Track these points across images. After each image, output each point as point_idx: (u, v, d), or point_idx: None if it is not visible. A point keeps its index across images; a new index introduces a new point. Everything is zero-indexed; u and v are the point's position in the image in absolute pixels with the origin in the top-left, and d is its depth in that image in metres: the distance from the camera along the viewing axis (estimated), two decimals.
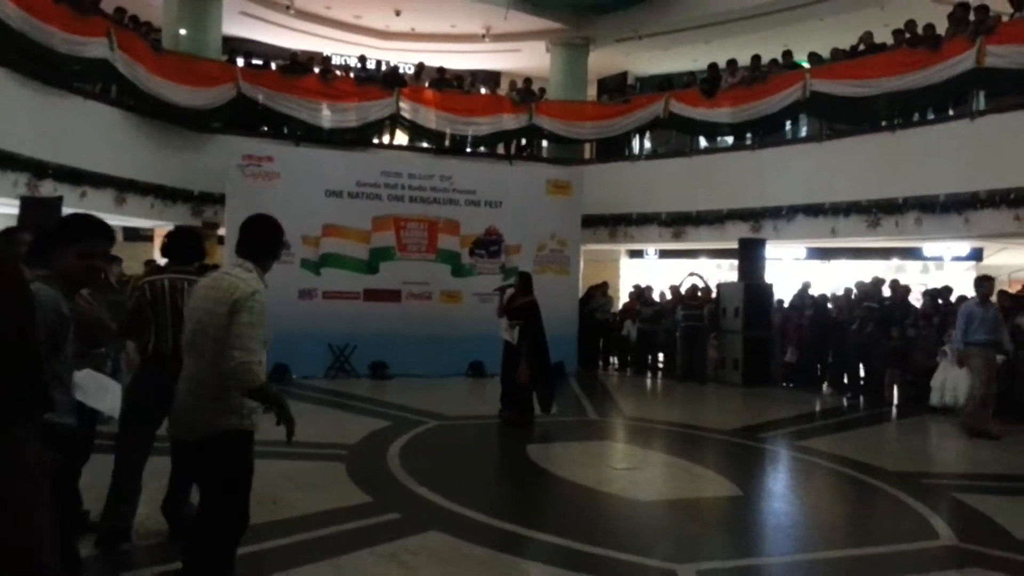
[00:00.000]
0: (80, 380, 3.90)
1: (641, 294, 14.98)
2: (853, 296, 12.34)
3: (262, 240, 3.38)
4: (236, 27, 16.64)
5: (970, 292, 9.71)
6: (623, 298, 16.41)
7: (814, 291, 13.26)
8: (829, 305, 12.68)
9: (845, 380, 12.13)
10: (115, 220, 13.42)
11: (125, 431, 4.60)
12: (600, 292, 15.23)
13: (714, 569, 4.44)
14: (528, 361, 8.72)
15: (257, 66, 15.39)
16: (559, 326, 11.42)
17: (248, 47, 16.90)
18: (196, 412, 3.20)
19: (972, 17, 11.28)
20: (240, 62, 15.10)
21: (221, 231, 13.29)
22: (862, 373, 11.85)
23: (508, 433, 8.48)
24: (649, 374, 14.35)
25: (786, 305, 13.32)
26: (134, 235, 15.55)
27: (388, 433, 7.96)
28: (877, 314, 11.37)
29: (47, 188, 10.42)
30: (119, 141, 12.25)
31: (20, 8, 10.00)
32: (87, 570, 4.09)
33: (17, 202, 9.41)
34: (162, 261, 7.05)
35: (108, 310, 5.02)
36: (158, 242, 13.49)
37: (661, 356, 14.48)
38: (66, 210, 9.59)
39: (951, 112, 12.01)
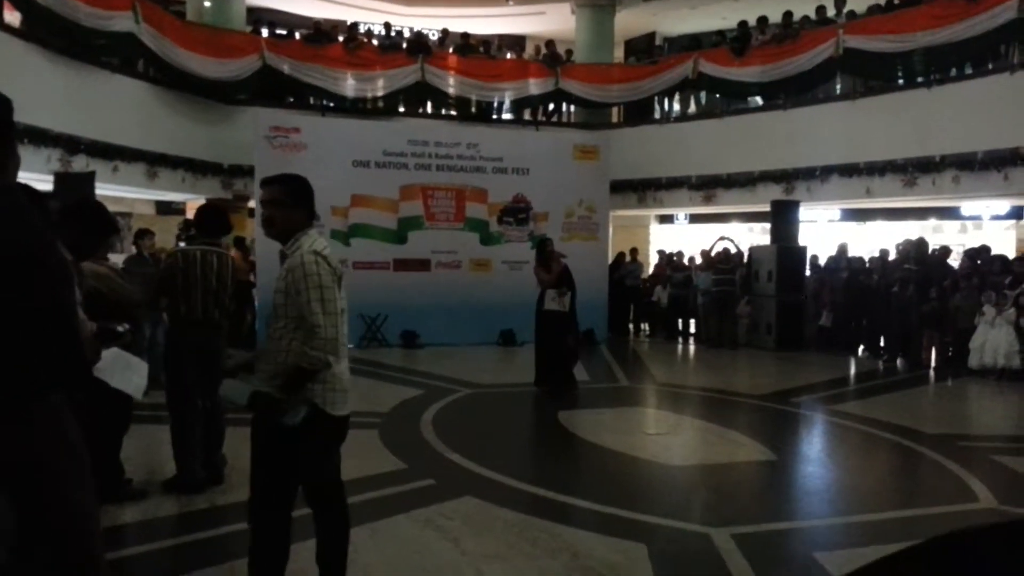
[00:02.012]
0: (103, 360, 3.94)
1: (671, 260, 14.86)
2: (891, 258, 12.11)
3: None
4: None
5: (1009, 252, 9.49)
6: (653, 264, 16.30)
7: (850, 253, 13.04)
8: (868, 266, 12.44)
9: (881, 343, 11.96)
10: (147, 194, 13.60)
11: (172, 397, 4.80)
12: (630, 258, 15.14)
13: (748, 533, 4.42)
14: (570, 327, 8.75)
15: (281, 36, 15.36)
16: (589, 293, 11.37)
17: (272, 17, 16.84)
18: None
19: None
20: (264, 32, 15.06)
21: (251, 203, 13.39)
22: (899, 336, 11.67)
23: (540, 400, 8.50)
24: (680, 340, 14.28)
25: (821, 267, 13.12)
26: (166, 208, 15.74)
27: (421, 401, 8.03)
28: (916, 276, 11.15)
29: (80, 163, 10.55)
30: (148, 115, 12.34)
31: None
32: (138, 535, 4.21)
33: (51, 178, 9.54)
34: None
35: (142, 282, 5.15)
36: (190, 215, 13.64)
37: (692, 322, 14.40)
38: (99, 185, 9.75)
39: (990, 66, 11.65)
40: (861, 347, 12.42)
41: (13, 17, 10.68)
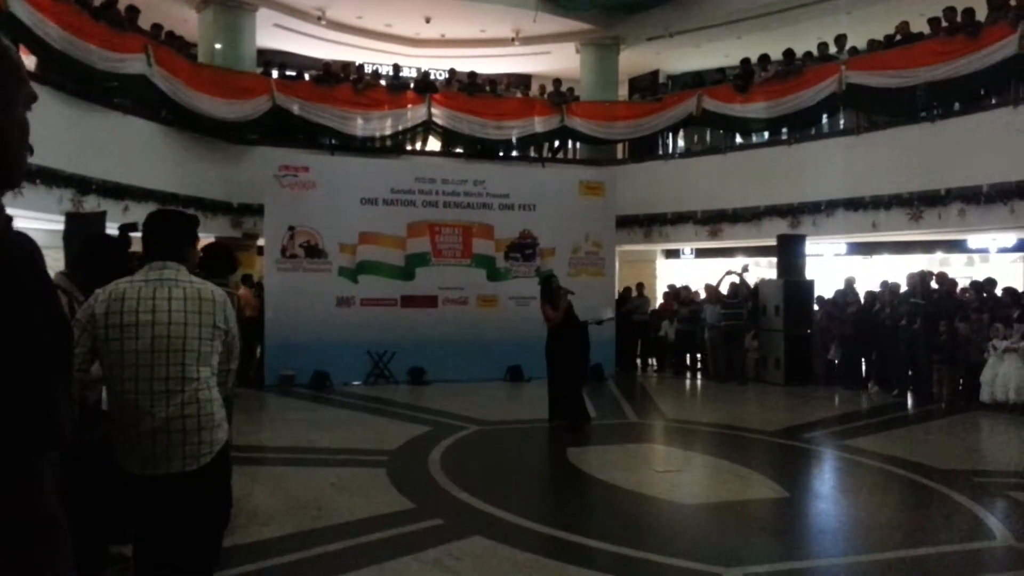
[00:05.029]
0: None
1: (677, 294, 14.84)
2: (900, 291, 12.04)
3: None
4: (269, 39, 16.85)
5: (1017, 285, 9.42)
6: (660, 299, 16.28)
7: (858, 286, 12.99)
8: (875, 300, 12.36)
9: (891, 377, 11.87)
10: None
11: None
12: (636, 293, 15.13)
13: (761, 573, 4.37)
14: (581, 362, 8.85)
15: (291, 77, 15.59)
16: (596, 328, 11.34)
17: (282, 59, 17.10)
18: (204, 434, 2.72)
19: (1013, 2, 11.00)
20: (275, 74, 15.29)
21: (260, 242, 13.46)
22: (909, 370, 11.57)
23: (549, 437, 8.45)
24: (688, 375, 14.21)
25: (828, 300, 13.06)
26: None
27: (428, 439, 7.98)
28: (924, 309, 11.09)
29: (91, 203, 10.65)
30: (159, 155, 12.48)
31: (61, 28, 10.26)
32: None
33: (62, 218, 9.62)
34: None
35: None
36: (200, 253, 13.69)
37: (700, 356, 14.33)
38: (109, 225, 9.82)
39: (993, 100, 11.72)
40: (871, 381, 12.32)
41: (29, 61, 10.89)
